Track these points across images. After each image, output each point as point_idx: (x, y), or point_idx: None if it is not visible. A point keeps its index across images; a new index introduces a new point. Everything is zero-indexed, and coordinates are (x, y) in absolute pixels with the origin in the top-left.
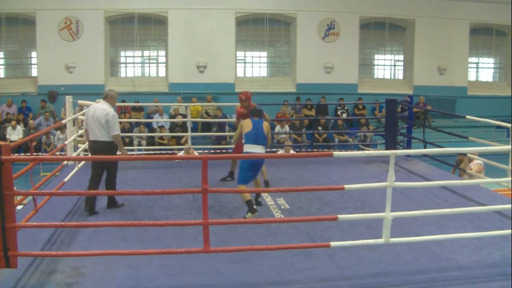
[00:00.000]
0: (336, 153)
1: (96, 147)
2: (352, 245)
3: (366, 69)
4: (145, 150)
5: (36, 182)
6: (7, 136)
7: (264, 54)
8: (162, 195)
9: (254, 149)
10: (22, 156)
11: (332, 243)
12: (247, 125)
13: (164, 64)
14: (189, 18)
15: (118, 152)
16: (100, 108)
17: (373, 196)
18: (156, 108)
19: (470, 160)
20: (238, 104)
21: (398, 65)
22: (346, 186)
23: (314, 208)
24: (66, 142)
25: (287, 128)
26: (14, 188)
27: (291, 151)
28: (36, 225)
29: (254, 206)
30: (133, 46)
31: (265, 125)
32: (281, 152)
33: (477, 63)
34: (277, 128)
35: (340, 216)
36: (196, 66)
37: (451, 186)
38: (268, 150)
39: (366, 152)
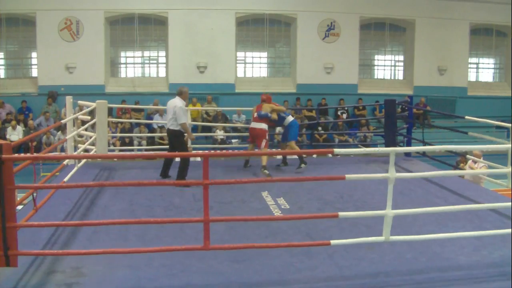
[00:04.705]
0: (337, 149)
1: (169, 133)
2: (352, 243)
3: (366, 69)
4: (145, 150)
5: (36, 182)
6: (7, 137)
7: (264, 54)
8: (162, 195)
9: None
10: (23, 155)
11: (333, 241)
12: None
13: (164, 65)
14: (189, 18)
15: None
16: (173, 102)
17: (374, 196)
18: (156, 109)
19: (475, 162)
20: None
21: (398, 66)
22: (347, 176)
23: (314, 208)
24: (65, 142)
25: None
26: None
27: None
28: (36, 225)
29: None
30: (133, 47)
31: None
32: None
33: (477, 64)
34: (278, 129)
35: (341, 214)
36: (196, 66)
37: (451, 186)
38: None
39: (367, 149)
